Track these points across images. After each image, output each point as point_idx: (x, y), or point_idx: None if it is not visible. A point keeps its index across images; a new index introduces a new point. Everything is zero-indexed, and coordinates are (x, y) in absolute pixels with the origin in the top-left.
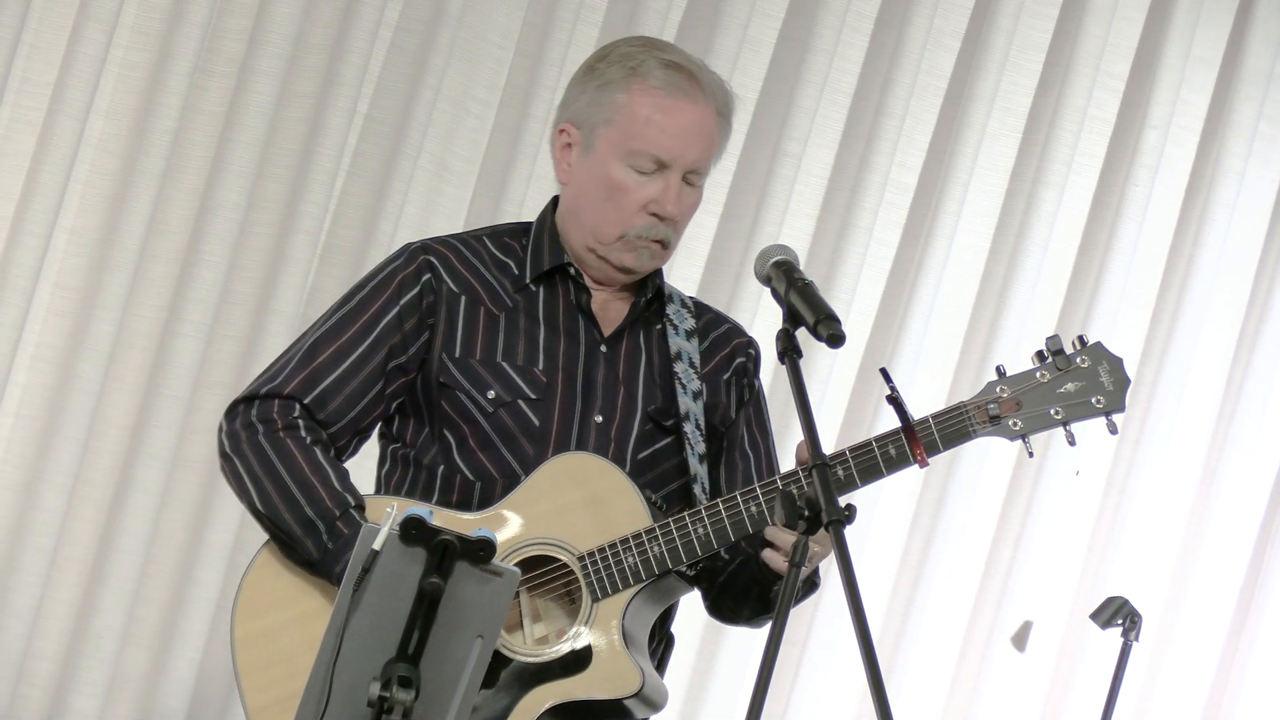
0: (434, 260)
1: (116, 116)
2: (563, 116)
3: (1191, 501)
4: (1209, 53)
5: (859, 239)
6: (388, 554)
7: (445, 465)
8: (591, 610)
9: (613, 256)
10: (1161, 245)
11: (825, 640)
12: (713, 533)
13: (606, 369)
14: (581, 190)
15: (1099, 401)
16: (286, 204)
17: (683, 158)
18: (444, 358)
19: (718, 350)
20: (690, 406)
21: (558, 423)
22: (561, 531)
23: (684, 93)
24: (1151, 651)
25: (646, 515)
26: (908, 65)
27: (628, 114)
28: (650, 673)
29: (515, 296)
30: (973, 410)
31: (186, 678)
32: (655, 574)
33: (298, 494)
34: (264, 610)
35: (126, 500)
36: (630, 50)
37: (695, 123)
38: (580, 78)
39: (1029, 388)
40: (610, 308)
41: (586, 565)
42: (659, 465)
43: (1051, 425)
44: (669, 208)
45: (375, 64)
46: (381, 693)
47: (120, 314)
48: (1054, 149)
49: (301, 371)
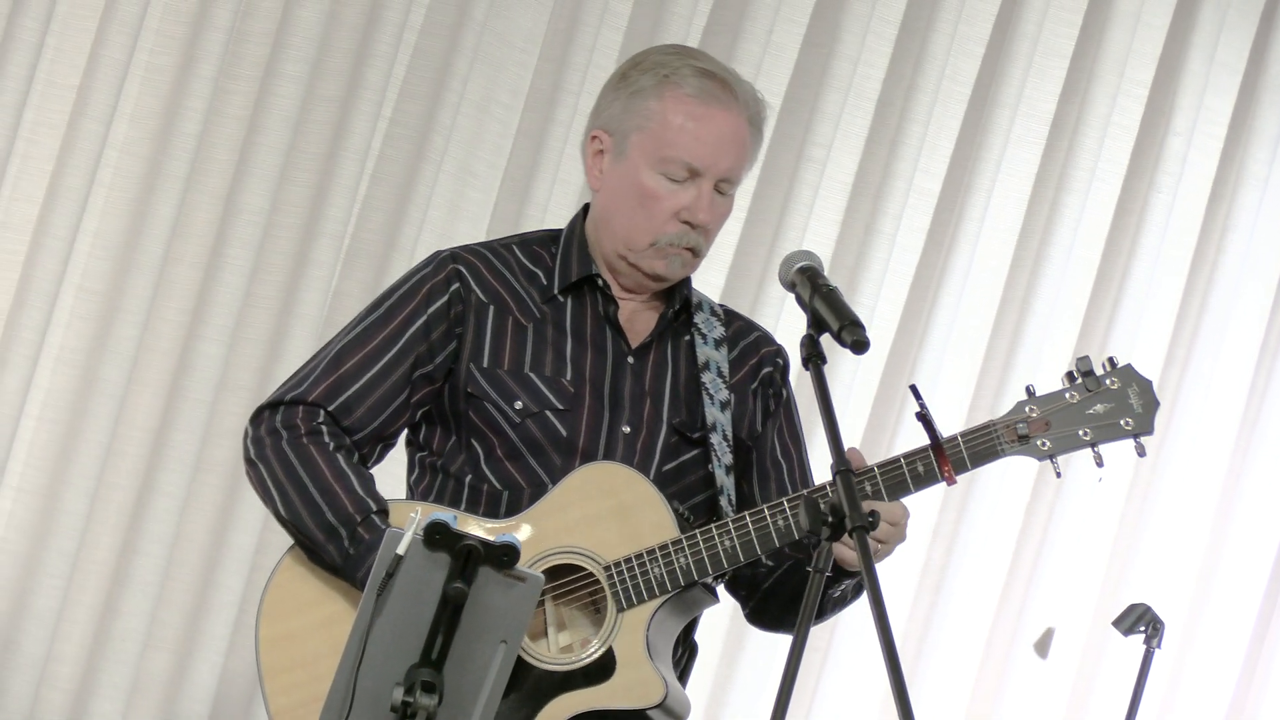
0: (463, 269)
1: (140, 120)
2: (595, 123)
3: (1214, 507)
4: (1232, 59)
5: (883, 245)
6: (411, 559)
7: (473, 474)
8: (616, 620)
9: (644, 264)
10: (1185, 251)
11: (848, 647)
12: (739, 545)
13: (633, 381)
14: (613, 197)
15: (1128, 424)
16: (310, 208)
17: (715, 166)
18: (471, 368)
19: (746, 359)
20: (717, 417)
21: (585, 433)
22: (588, 541)
23: (717, 100)
24: (1174, 659)
25: (674, 526)
26: (932, 71)
27: (660, 121)
28: (673, 683)
29: (543, 307)
30: (1001, 429)
31: (208, 681)
32: (681, 585)
33: (320, 499)
34: (289, 613)
35: (149, 503)
36: (664, 58)
37: (728, 131)
38: (613, 84)
39: (1058, 408)
40: (638, 319)
41: (612, 575)
42: (685, 477)
43: (1080, 446)
44: (700, 215)
45: (399, 68)
46: (405, 698)
47: (143, 317)
48: (1077, 155)
49: (327, 378)
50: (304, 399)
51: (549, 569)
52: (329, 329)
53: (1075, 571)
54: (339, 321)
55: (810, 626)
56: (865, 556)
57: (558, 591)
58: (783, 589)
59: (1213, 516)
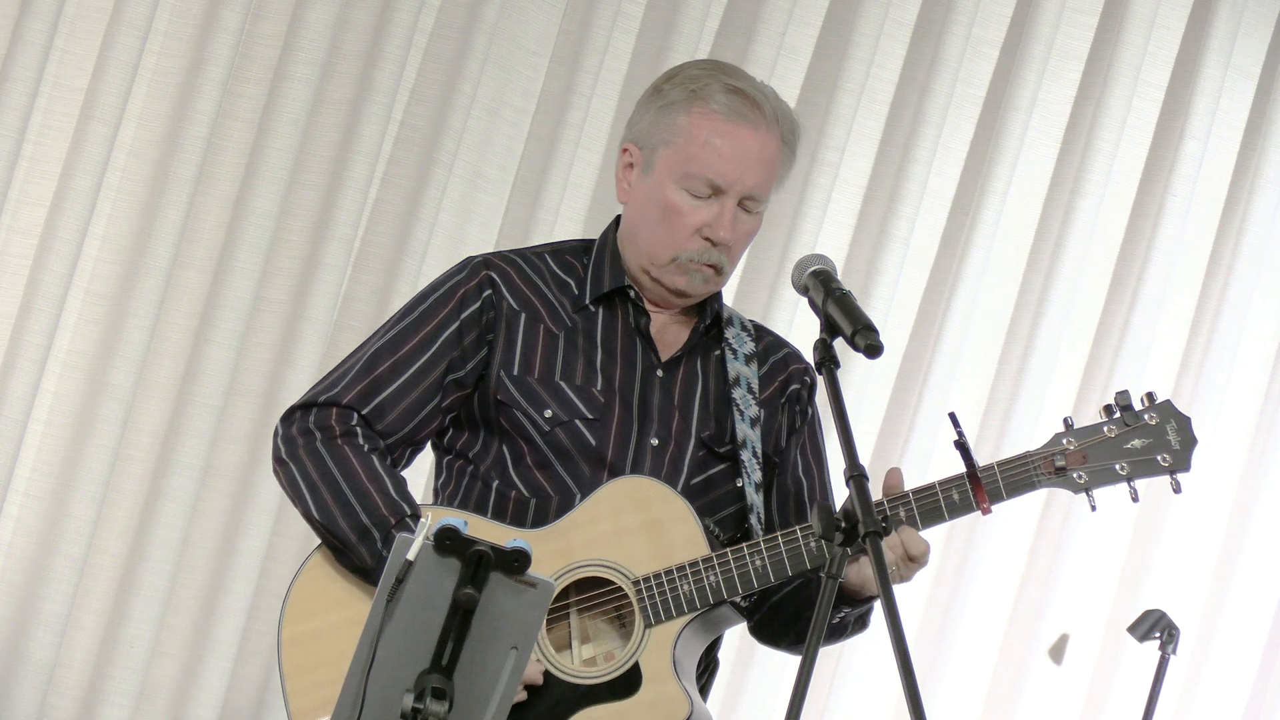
0: (495, 276)
1: (149, 123)
2: (626, 136)
3: (1230, 512)
4: (1249, 63)
5: (896, 248)
6: (422, 564)
7: (500, 481)
8: (644, 635)
9: (665, 279)
10: (1200, 256)
11: (861, 654)
12: (770, 565)
13: (662, 394)
14: (639, 211)
15: (1165, 460)
16: (320, 211)
17: (739, 183)
18: (502, 375)
19: (775, 375)
20: (748, 434)
21: (614, 444)
22: (617, 554)
23: (744, 118)
24: (1190, 665)
25: (705, 543)
26: (946, 74)
27: (686, 136)
28: (698, 701)
29: (574, 316)
30: (1039, 461)
31: (217, 688)
32: (710, 603)
33: (354, 501)
34: (313, 613)
35: (157, 509)
36: (696, 73)
37: (755, 149)
38: (646, 98)
39: (1095, 441)
40: (668, 332)
41: (641, 590)
42: (712, 491)
43: (1116, 481)
44: (721, 233)
45: (410, 70)
46: (415, 704)
47: (152, 321)
48: (1092, 159)
49: (361, 382)
50: (338, 401)
51: (577, 581)
52: (339, 333)
53: (1090, 577)
54: (349, 326)
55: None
56: (878, 561)
57: (584, 604)
58: (789, 605)
59: (1228, 521)
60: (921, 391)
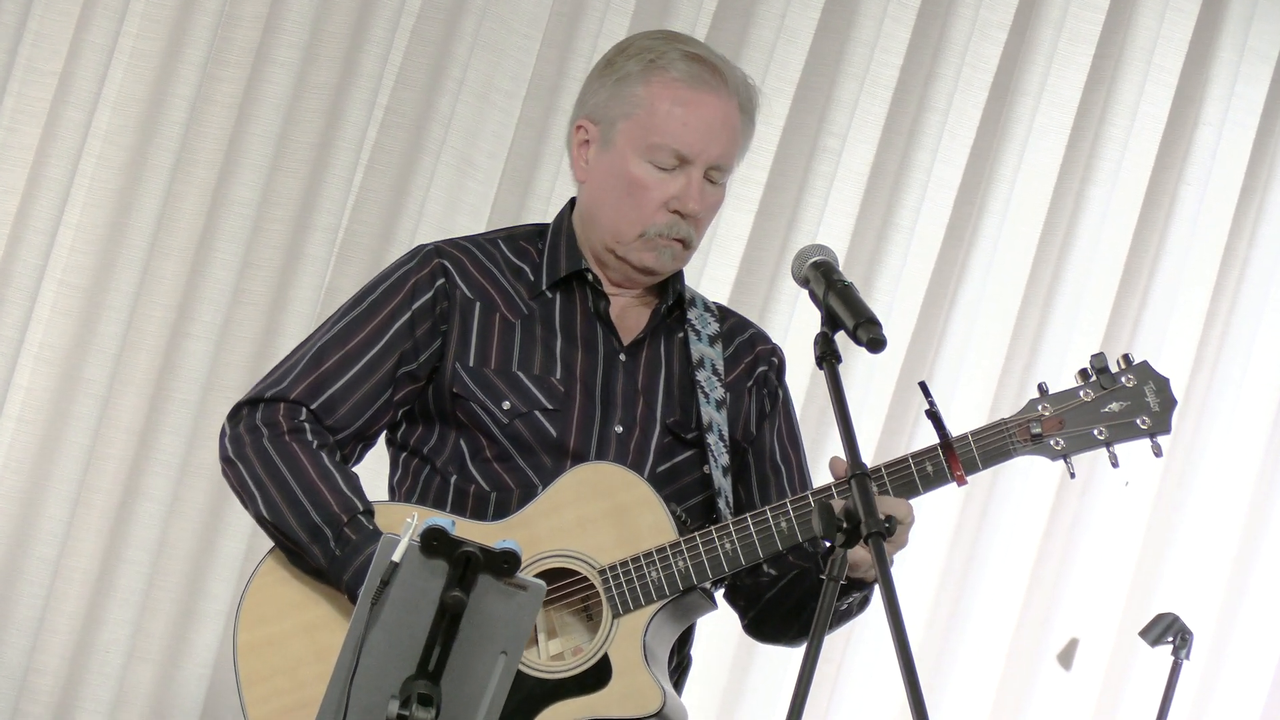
0: (448, 264)
1: (125, 108)
2: (579, 112)
3: (1245, 514)
4: (1265, 46)
5: (900, 239)
6: (408, 566)
7: (459, 475)
8: (612, 626)
9: (632, 256)
10: (1215, 247)
11: (863, 657)
12: (740, 549)
13: (626, 379)
14: (600, 188)
15: (1145, 423)
16: (303, 200)
17: (705, 153)
18: (457, 367)
19: (741, 357)
20: (713, 417)
21: (576, 434)
22: (582, 544)
23: (706, 85)
24: (1203, 670)
25: (672, 529)
26: (952, 58)
27: (647, 107)
28: (671, 692)
29: (531, 303)
30: (1014, 428)
31: (196, 693)
32: (680, 590)
33: (304, 499)
34: (268, 618)
35: (133, 509)
36: (650, 43)
37: (718, 116)
38: (598, 72)
39: (1072, 406)
40: (629, 315)
41: (608, 579)
42: (679, 479)
43: (1094, 446)
44: (690, 205)
45: (396, 54)
46: (400, 711)
47: (128, 314)
48: (1103, 146)
49: (308, 376)
50: (285, 396)
51: (542, 573)
52: None
53: (1100, 579)
54: None
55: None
56: (882, 564)
57: (550, 597)
58: (787, 599)
59: (1243, 523)
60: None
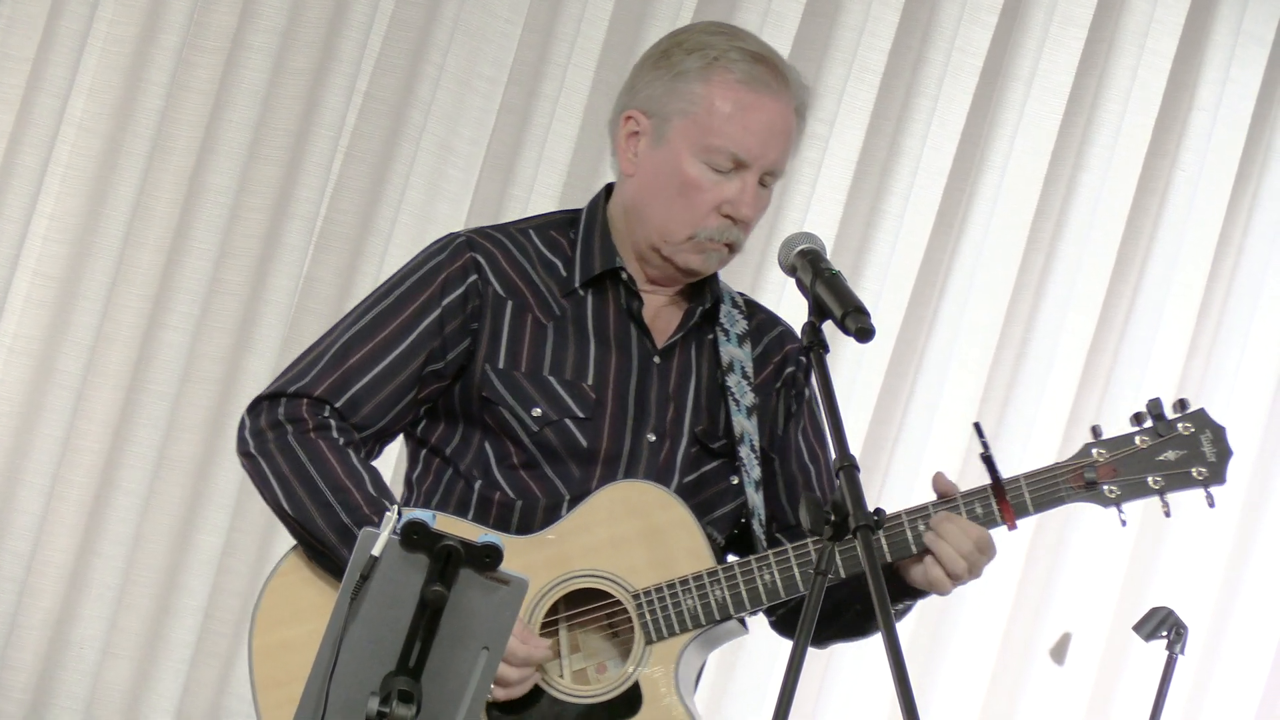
0: (480, 259)
1: (99, 94)
2: (630, 102)
3: (1241, 505)
4: (1260, 28)
5: (889, 226)
6: (388, 560)
7: (484, 481)
8: (645, 652)
9: (679, 257)
10: (1210, 233)
11: (851, 653)
12: (780, 581)
13: (659, 384)
14: (649, 184)
15: (1200, 473)
16: (280, 188)
17: (763, 158)
18: (487, 369)
19: (770, 356)
20: (745, 426)
21: (607, 443)
22: (614, 564)
23: (767, 88)
24: (1198, 665)
25: (709, 555)
26: (941, 42)
27: (706, 107)
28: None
29: (563, 302)
30: (1067, 475)
31: (172, 691)
32: (715, 620)
33: (332, 499)
34: (287, 620)
35: (109, 502)
36: (710, 38)
37: (778, 121)
38: (653, 62)
39: (1127, 454)
40: (662, 315)
41: (642, 604)
42: (705, 490)
43: (1148, 494)
44: (744, 210)
45: (375, 39)
46: (380, 708)
47: (103, 304)
48: (1096, 131)
49: (333, 372)
50: (309, 392)
51: (571, 593)
52: (300, 317)
53: (1094, 573)
54: (310, 309)
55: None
56: (870, 557)
57: (575, 619)
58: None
59: (1238, 516)
60: (915, 377)
